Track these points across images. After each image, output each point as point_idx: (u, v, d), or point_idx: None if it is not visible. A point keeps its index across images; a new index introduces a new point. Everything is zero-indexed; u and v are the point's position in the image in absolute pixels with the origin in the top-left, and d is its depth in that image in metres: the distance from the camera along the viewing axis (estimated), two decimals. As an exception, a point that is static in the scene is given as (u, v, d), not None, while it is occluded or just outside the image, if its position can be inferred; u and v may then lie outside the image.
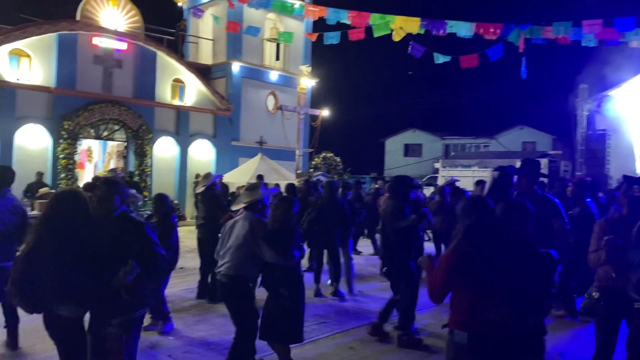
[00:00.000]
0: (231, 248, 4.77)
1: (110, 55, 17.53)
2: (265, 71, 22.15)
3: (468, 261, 2.97)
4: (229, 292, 4.80)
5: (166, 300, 6.20)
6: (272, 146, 20.22)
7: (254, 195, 4.94)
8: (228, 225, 5.00)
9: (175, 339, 5.89)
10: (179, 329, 6.23)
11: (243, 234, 4.72)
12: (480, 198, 3.34)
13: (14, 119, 15.48)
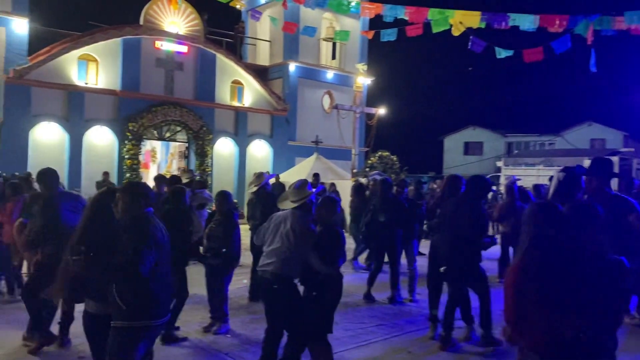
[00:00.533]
0: (278, 248, 4.55)
1: (172, 58, 18.08)
2: (321, 71, 22.18)
3: (536, 274, 2.74)
4: (274, 292, 4.57)
5: (227, 300, 6.17)
6: (328, 145, 20.21)
7: (302, 194, 4.71)
8: (273, 221, 4.75)
9: (233, 338, 5.93)
10: (236, 327, 6.26)
11: (293, 238, 4.50)
12: (549, 204, 3.07)
13: (82, 121, 16.24)
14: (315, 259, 4.42)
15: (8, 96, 15.01)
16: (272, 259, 4.55)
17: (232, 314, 6.55)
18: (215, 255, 5.86)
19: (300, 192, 4.72)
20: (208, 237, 5.96)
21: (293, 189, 4.80)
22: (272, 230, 4.69)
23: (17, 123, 15.11)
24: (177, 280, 5.69)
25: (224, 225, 5.93)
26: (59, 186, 5.59)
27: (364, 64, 20.12)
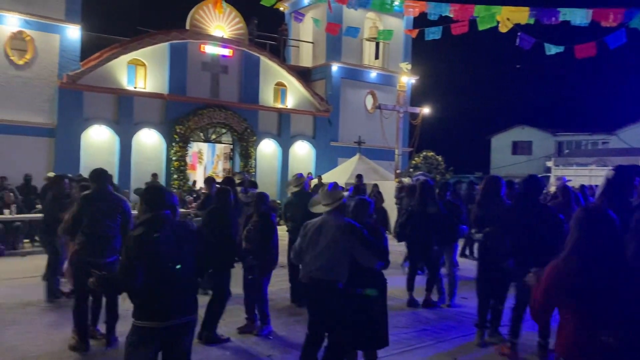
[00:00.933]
0: (324, 252, 4.46)
1: (217, 61, 18.39)
2: (364, 71, 22.08)
3: (573, 278, 2.59)
4: (321, 297, 4.50)
5: (267, 301, 6.18)
6: (371, 146, 20.07)
7: (335, 197, 4.63)
8: (311, 227, 4.65)
9: (275, 340, 5.93)
10: (278, 329, 6.27)
11: (340, 238, 4.43)
12: (598, 209, 2.88)
13: (132, 124, 16.73)
14: (364, 253, 4.40)
15: (62, 100, 15.62)
16: (317, 265, 4.49)
17: (274, 315, 6.56)
18: (253, 257, 5.89)
19: (333, 195, 4.64)
20: (246, 239, 5.99)
21: (325, 192, 4.71)
22: (310, 238, 4.59)
23: (70, 126, 15.71)
24: (220, 281, 5.75)
25: (261, 227, 5.95)
26: (108, 186, 5.71)
27: (407, 63, 19.86)
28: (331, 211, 4.58)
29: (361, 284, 4.47)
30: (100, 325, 5.72)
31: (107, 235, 5.40)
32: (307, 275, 4.58)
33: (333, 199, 4.60)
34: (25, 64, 15.29)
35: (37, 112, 15.47)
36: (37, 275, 9.11)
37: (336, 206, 4.59)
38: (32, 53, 15.36)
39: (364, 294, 4.45)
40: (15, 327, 6.09)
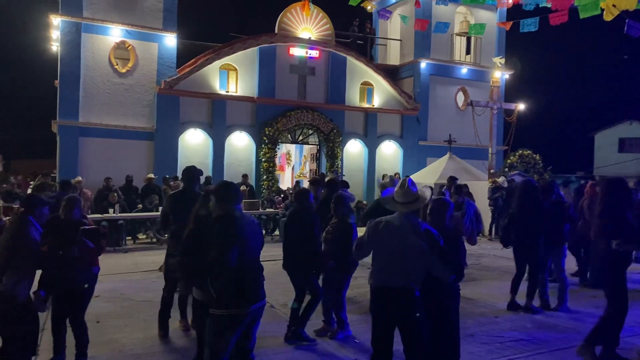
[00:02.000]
0: (398, 256, 4.00)
1: (304, 63, 18.59)
2: (454, 67, 21.34)
3: None
4: (398, 305, 4.03)
5: (344, 306, 6.02)
6: (462, 145, 19.33)
7: (416, 196, 4.11)
8: (383, 226, 4.14)
9: (362, 343, 5.77)
10: (356, 333, 6.09)
11: (415, 244, 3.96)
12: None
13: (224, 127, 17.33)
14: (439, 265, 4.00)
15: (160, 106, 16.51)
16: (390, 270, 4.03)
17: (363, 319, 6.40)
18: (333, 260, 5.76)
19: (411, 194, 4.12)
20: (325, 241, 5.88)
21: (405, 190, 4.14)
22: (381, 239, 4.11)
23: (168, 130, 16.55)
24: (307, 281, 5.68)
25: (340, 229, 5.82)
26: (194, 185, 6.02)
27: (501, 57, 18.92)
28: (408, 212, 4.09)
29: (436, 295, 4.15)
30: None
31: None
32: (378, 283, 4.08)
33: (412, 197, 4.10)
34: (127, 72, 16.32)
35: (138, 117, 16.47)
36: (137, 271, 9.68)
37: (415, 207, 4.12)
38: (133, 61, 16.37)
39: (440, 305, 4.16)
40: (115, 320, 6.42)
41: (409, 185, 4.16)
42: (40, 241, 4.62)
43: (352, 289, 8.15)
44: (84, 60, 15.76)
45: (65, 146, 15.65)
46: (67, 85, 15.62)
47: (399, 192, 4.17)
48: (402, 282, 3.98)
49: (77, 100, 15.66)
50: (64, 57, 15.61)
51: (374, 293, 4.12)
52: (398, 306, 4.00)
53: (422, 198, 4.12)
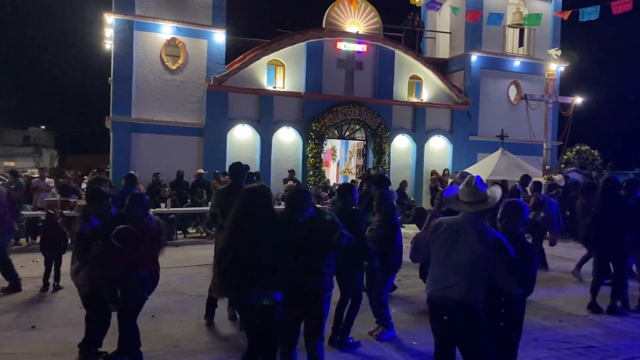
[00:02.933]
0: (462, 265, 3.56)
1: (352, 58, 18.38)
2: (507, 59, 20.65)
3: None
4: (456, 319, 3.60)
5: (387, 305, 5.82)
6: (515, 140, 18.71)
7: (480, 195, 3.69)
8: (445, 228, 3.73)
9: (397, 348, 5.57)
10: (412, 334, 5.89)
11: (482, 254, 3.51)
12: None
13: (272, 123, 17.35)
14: (507, 277, 3.52)
15: (209, 102, 16.67)
16: (453, 280, 3.57)
17: (419, 320, 6.21)
18: (376, 258, 5.56)
19: (477, 192, 3.70)
20: (369, 239, 5.68)
21: (472, 188, 3.72)
22: (443, 242, 3.69)
23: (217, 126, 16.71)
24: (351, 282, 5.47)
25: (384, 227, 5.62)
26: (241, 181, 6.14)
27: (557, 49, 18.15)
28: (473, 214, 3.68)
29: (498, 307, 3.71)
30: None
31: None
32: (438, 293, 3.65)
33: (479, 197, 3.67)
34: (178, 69, 16.56)
35: (188, 113, 16.69)
36: (188, 265, 9.77)
37: (482, 208, 3.68)
38: (183, 58, 16.59)
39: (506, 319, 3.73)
40: (169, 315, 6.45)
41: (477, 183, 3.73)
42: (93, 235, 4.74)
43: (407, 289, 7.99)
44: (136, 58, 16.08)
45: (118, 142, 16.03)
46: (120, 82, 15.98)
47: (464, 191, 3.74)
48: (462, 293, 3.52)
49: (130, 97, 16.00)
50: (117, 54, 15.97)
51: (431, 303, 3.71)
52: (457, 321, 3.56)
53: (492, 198, 3.70)
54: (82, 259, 4.79)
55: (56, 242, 7.81)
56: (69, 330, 5.84)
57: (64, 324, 6.09)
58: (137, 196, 4.98)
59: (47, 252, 7.76)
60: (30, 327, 5.94)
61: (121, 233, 4.51)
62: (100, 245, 4.65)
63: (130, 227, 4.55)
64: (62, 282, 7.70)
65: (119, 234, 4.51)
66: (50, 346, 5.34)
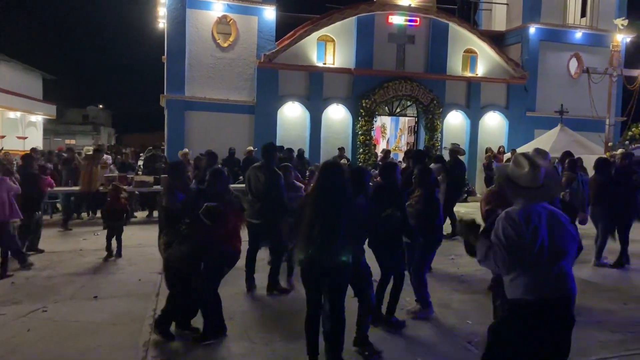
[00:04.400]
0: (559, 260, 2.99)
1: (403, 32, 17.93)
2: (567, 31, 19.62)
3: None
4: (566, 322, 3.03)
5: (425, 284, 5.69)
6: (575, 116, 17.88)
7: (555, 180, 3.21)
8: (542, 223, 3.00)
9: (473, 324, 5.47)
10: (468, 314, 5.76)
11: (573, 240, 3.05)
12: None
13: (321, 100, 17.25)
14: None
15: (260, 79, 16.73)
16: (558, 278, 2.99)
17: (475, 299, 6.07)
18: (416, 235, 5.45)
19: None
20: (408, 215, 5.54)
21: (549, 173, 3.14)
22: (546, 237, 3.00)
23: (268, 103, 16.77)
24: (393, 260, 5.36)
25: (423, 203, 5.49)
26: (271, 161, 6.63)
27: (623, 19, 17.08)
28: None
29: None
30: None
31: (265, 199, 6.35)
32: (544, 294, 2.99)
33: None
34: (229, 46, 16.65)
35: (239, 91, 16.82)
36: (245, 239, 9.89)
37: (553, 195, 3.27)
38: (234, 35, 16.66)
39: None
40: (225, 287, 6.56)
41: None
42: (181, 210, 4.86)
43: (459, 268, 7.83)
44: (188, 36, 16.27)
45: (173, 119, 16.38)
46: (173, 61, 16.25)
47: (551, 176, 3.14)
48: (567, 291, 3.02)
49: (183, 75, 16.26)
50: (170, 33, 16.22)
51: (537, 308, 2.96)
52: (566, 324, 3.03)
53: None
54: (170, 234, 4.86)
55: (119, 214, 8.29)
56: (129, 301, 6.07)
57: (124, 295, 6.32)
58: (218, 171, 5.07)
59: (111, 223, 8.22)
60: (93, 297, 6.19)
61: (210, 211, 4.58)
62: (189, 222, 4.71)
63: (219, 205, 4.62)
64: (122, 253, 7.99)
65: (208, 211, 4.57)
66: (112, 316, 5.55)
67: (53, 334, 5.02)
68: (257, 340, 4.90)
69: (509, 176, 3.13)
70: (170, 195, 5.03)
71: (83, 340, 4.88)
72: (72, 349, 4.68)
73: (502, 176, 3.19)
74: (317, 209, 4.04)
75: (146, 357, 4.50)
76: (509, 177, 3.12)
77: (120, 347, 4.74)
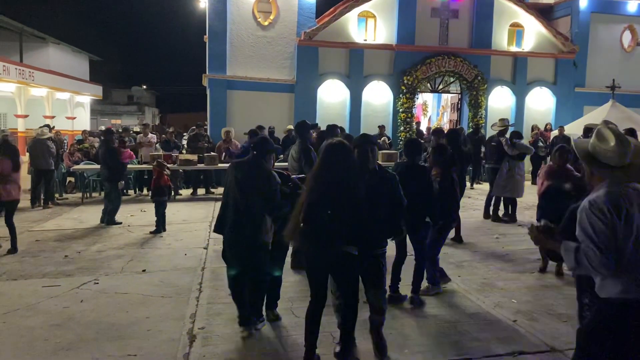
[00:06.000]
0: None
1: (447, 6, 17.44)
2: (620, 2, 18.64)
3: None
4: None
5: (436, 262, 5.69)
6: (628, 91, 17.09)
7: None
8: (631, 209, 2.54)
9: (519, 304, 5.38)
10: (500, 293, 5.68)
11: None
12: None
13: (361, 77, 17.05)
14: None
15: (300, 57, 16.65)
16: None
17: (517, 277, 5.97)
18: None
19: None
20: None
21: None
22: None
23: (308, 81, 16.70)
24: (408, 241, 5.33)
25: (439, 182, 5.43)
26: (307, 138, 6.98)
27: (683, -13, 16.10)
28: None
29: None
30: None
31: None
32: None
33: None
34: (269, 25, 16.62)
35: (280, 69, 16.81)
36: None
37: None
38: (275, 13, 16.59)
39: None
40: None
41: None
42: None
43: (504, 247, 7.70)
44: (229, 15, 16.31)
45: (215, 99, 16.55)
46: (215, 40, 16.35)
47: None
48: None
49: (225, 55, 16.35)
50: (212, 12, 16.29)
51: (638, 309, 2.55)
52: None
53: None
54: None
55: (164, 190, 8.66)
56: (176, 274, 6.25)
57: (172, 269, 6.52)
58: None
59: (158, 198, 8.57)
60: (142, 271, 6.41)
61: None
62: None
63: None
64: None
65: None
66: (160, 288, 5.74)
67: (104, 305, 5.23)
68: (300, 314, 4.97)
69: (590, 153, 2.69)
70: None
71: (133, 311, 5.07)
72: (122, 319, 4.87)
73: (583, 153, 2.73)
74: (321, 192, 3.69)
75: (193, 329, 4.64)
76: (590, 154, 2.69)
77: (168, 318, 4.90)
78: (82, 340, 4.40)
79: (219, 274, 5.90)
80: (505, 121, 10.66)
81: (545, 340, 4.47)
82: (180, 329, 4.63)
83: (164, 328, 4.67)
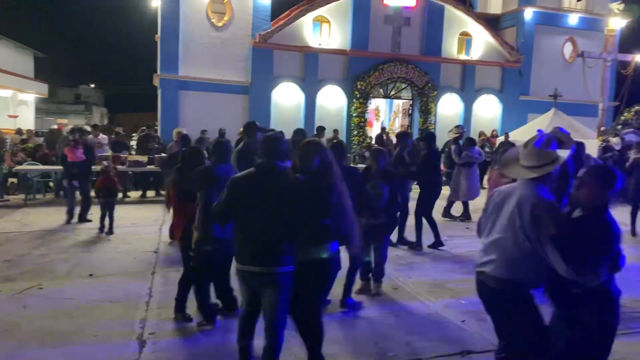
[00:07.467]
0: (499, 240, 3.10)
1: (399, 14, 17.82)
2: (563, 15, 19.60)
3: None
4: (496, 301, 3.17)
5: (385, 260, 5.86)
6: (569, 100, 17.93)
7: (545, 157, 3.07)
8: (496, 196, 3.27)
9: (466, 304, 5.54)
10: (451, 295, 5.85)
11: (519, 223, 2.98)
12: None
13: (316, 81, 17.17)
14: (553, 255, 2.84)
15: (255, 59, 16.60)
16: (491, 256, 3.13)
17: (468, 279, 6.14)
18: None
19: (542, 155, 3.07)
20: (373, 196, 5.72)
21: (530, 149, 3.11)
22: (492, 209, 3.24)
23: (262, 84, 16.67)
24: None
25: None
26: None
27: (619, 3, 17.06)
28: (533, 180, 3.07)
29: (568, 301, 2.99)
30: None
31: None
32: (479, 269, 3.24)
33: (541, 160, 3.06)
34: (224, 26, 16.48)
35: (234, 71, 16.69)
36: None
37: (543, 173, 3.05)
38: (229, 15, 16.48)
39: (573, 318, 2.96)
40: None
41: (538, 145, 3.09)
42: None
43: (452, 249, 7.91)
44: (182, 15, 16.07)
45: (166, 99, 16.26)
46: (167, 40, 16.07)
47: (524, 153, 3.14)
48: (503, 273, 3.06)
49: (177, 54, 16.10)
50: (164, 11, 16.01)
51: (478, 283, 3.29)
52: (499, 302, 3.16)
53: (559, 159, 3.09)
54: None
55: (111, 190, 8.50)
56: (124, 279, 6.10)
57: (120, 273, 6.35)
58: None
59: (103, 199, 8.43)
60: (88, 275, 6.21)
61: None
62: None
63: None
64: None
65: None
66: (108, 293, 5.58)
67: (49, 311, 5.04)
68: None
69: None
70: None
71: (79, 317, 4.91)
72: (68, 325, 4.70)
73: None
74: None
75: (143, 334, 4.54)
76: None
77: (117, 323, 4.77)
78: (25, 348, 4.23)
79: (170, 279, 5.80)
80: (460, 128, 11.01)
81: (492, 340, 4.61)
82: (129, 335, 4.52)
83: (112, 334, 4.54)
